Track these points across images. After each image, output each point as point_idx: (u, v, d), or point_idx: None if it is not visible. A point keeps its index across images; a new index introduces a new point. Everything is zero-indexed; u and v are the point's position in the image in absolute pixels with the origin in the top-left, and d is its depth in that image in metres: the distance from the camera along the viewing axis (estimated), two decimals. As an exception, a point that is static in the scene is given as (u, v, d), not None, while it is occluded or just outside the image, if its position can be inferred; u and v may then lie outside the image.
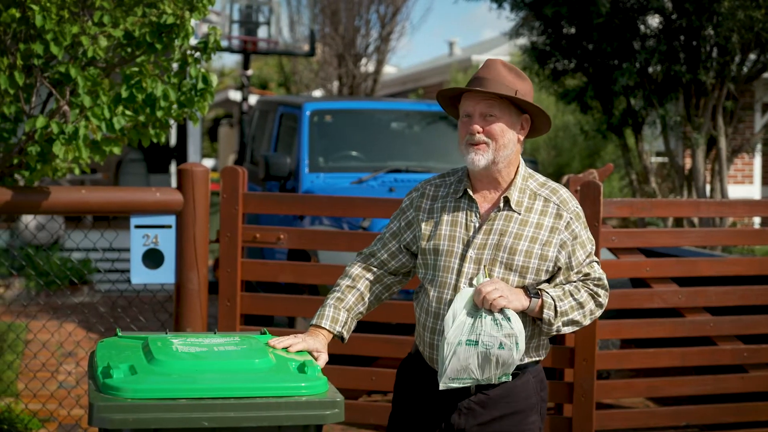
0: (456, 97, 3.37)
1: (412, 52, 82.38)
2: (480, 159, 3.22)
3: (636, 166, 12.68)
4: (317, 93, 21.53)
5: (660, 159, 15.91)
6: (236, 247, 5.41)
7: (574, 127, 16.72)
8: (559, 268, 3.25)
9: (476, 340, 3.08)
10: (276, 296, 5.85)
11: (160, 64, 4.89)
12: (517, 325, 3.11)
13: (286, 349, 3.16)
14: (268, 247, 5.89)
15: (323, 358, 3.20)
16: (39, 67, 4.68)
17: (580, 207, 3.36)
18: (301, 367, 2.96)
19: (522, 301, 3.16)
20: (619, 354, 5.88)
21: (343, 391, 3.14)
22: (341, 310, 3.34)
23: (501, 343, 3.09)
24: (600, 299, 3.30)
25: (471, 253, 3.22)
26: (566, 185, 5.84)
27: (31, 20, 4.47)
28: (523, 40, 11.97)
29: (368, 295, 3.41)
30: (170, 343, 3.09)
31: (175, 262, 5.17)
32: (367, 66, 19.50)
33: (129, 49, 4.77)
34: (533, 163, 9.15)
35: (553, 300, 3.19)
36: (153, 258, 5.14)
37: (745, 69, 10.72)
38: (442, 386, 3.14)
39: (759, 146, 12.33)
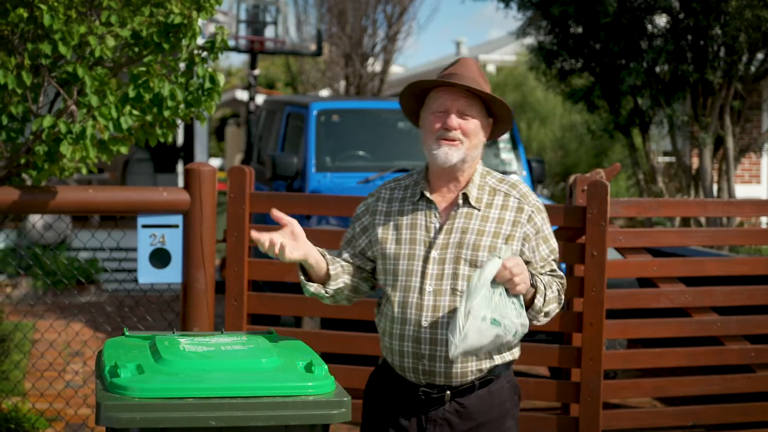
0: (422, 91, 3.27)
1: (419, 51, 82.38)
2: (454, 154, 3.16)
3: (643, 166, 12.67)
4: (324, 93, 21.54)
5: (667, 159, 15.89)
6: (243, 247, 5.41)
7: (581, 126, 16.68)
8: (525, 263, 3.17)
9: (500, 321, 2.98)
10: (283, 296, 5.85)
11: (168, 64, 4.89)
12: (527, 315, 3.08)
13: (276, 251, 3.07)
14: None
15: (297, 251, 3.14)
16: (46, 66, 4.69)
17: (540, 201, 3.30)
18: (309, 367, 2.96)
19: (528, 288, 3.09)
20: (625, 354, 5.87)
21: (350, 390, 3.14)
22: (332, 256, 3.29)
23: (516, 332, 3.03)
24: (562, 297, 3.26)
25: (434, 254, 3.17)
26: (573, 185, 5.83)
27: (39, 20, 4.48)
28: (530, 40, 11.97)
29: (348, 270, 3.31)
30: (177, 343, 3.09)
31: (182, 261, 5.17)
32: (374, 66, 19.51)
33: (136, 49, 4.78)
34: (540, 163, 9.15)
35: (544, 287, 3.15)
36: (160, 257, 5.15)
37: (752, 68, 10.71)
38: (453, 354, 2.98)
39: (766, 146, 12.31)
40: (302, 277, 3.25)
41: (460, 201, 3.21)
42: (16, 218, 12.04)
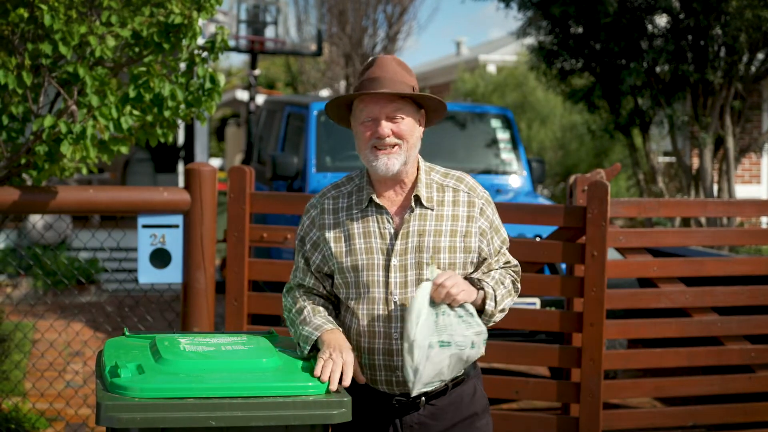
0: (346, 103, 3.19)
1: (419, 51, 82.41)
2: (394, 163, 3.07)
3: (643, 166, 12.67)
4: (324, 93, 21.54)
5: (667, 159, 15.89)
6: (243, 247, 5.41)
7: (581, 126, 16.70)
8: (484, 259, 3.15)
9: (449, 341, 2.93)
10: (283, 296, 5.84)
11: (168, 64, 4.90)
12: (480, 321, 3.02)
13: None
14: (275, 246, 5.89)
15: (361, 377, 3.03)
16: (47, 66, 4.70)
17: (487, 192, 3.23)
18: (308, 367, 2.96)
19: (472, 293, 3.04)
20: (626, 354, 5.87)
21: (350, 390, 3.13)
22: (321, 313, 3.17)
23: (473, 343, 2.98)
24: (518, 285, 3.24)
25: (394, 261, 3.06)
26: (573, 185, 5.83)
27: (39, 20, 4.48)
28: (530, 40, 11.98)
29: (331, 311, 3.21)
30: (177, 343, 3.09)
31: (182, 261, 5.17)
32: (374, 66, 19.47)
33: (137, 49, 4.78)
34: (540, 163, 9.15)
35: (493, 290, 3.09)
36: (160, 257, 5.15)
37: (753, 68, 10.71)
38: (415, 392, 2.97)
39: (766, 146, 12.31)
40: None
41: (413, 203, 3.12)
42: (16, 218, 12.04)
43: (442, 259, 3.08)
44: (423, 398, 3.12)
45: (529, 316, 5.54)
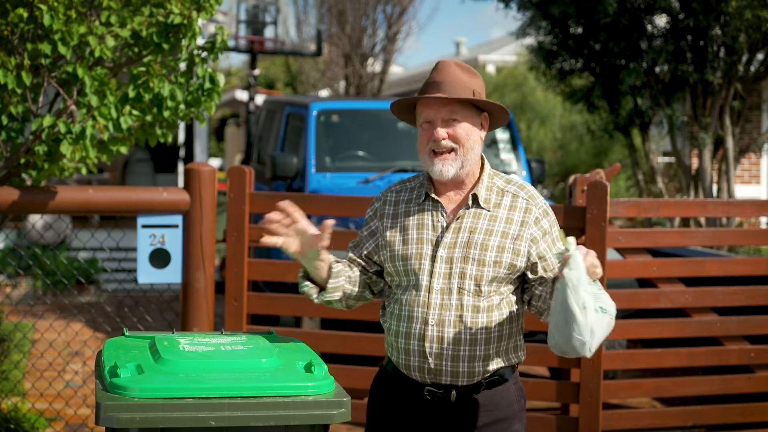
0: (411, 104, 3.29)
1: (419, 51, 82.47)
2: (449, 169, 3.16)
3: (643, 166, 12.68)
4: (324, 93, 21.55)
5: (667, 159, 15.90)
6: (243, 247, 5.41)
7: (581, 126, 16.71)
8: (534, 264, 3.18)
9: (606, 309, 2.95)
10: (282, 296, 5.85)
11: (167, 64, 4.90)
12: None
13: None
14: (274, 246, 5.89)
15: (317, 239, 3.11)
16: (46, 66, 4.70)
17: (547, 204, 3.28)
18: (308, 367, 2.96)
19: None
20: (625, 354, 5.87)
21: (350, 390, 3.14)
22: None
23: (612, 317, 2.98)
24: None
25: (441, 252, 3.15)
26: (573, 185, 5.84)
27: (39, 20, 4.48)
28: (530, 40, 11.98)
29: (353, 277, 3.31)
30: (177, 343, 3.09)
31: (181, 261, 5.17)
32: (374, 66, 19.51)
33: (136, 49, 4.78)
34: (540, 163, 9.15)
35: None
36: (160, 257, 5.15)
37: (752, 69, 10.72)
38: (590, 353, 2.94)
39: (766, 146, 12.32)
40: (301, 275, 3.26)
41: (470, 201, 3.21)
42: (15, 218, 12.05)
43: (489, 257, 3.13)
44: (454, 392, 3.16)
45: (528, 316, 5.54)
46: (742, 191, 15.82)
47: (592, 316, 2.92)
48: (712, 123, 10.74)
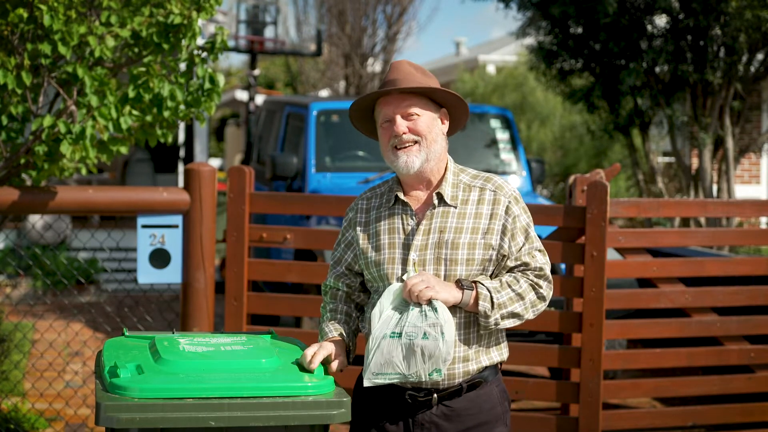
0: (369, 109, 3.26)
1: (419, 52, 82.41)
2: (414, 160, 3.13)
3: (643, 166, 12.67)
4: (324, 93, 21.55)
5: (667, 159, 15.90)
6: (243, 247, 5.41)
7: (580, 126, 16.70)
8: (504, 256, 3.14)
9: (400, 332, 2.99)
10: (282, 296, 5.85)
11: (167, 64, 4.90)
12: (444, 315, 3.00)
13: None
14: (274, 246, 5.90)
15: (341, 360, 3.10)
16: (46, 66, 4.70)
17: (517, 191, 3.24)
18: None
19: (453, 293, 3.05)
20: (625, 354, 5.87)
21: (350, 391, 3.14)
22: (339, 324, 3.25)
23: (425, 333, 2.99)
24: (542, 291, 3.17)
25: (413, 256, 3.12)
26: (573, 185, 5.83)
27: (39, 20, 4.48)
28: (530, 40, 11.98)
29: (353, 317, 3.31)
30: (177, 343, 3.09)
31: (181, 261, 5.17)
32: (374, 66, 19.51)
33: (136, 49, 4.78)
34: (540, 163, 9.15)
35: (489, 291, 3.07)
36: (160, 257, 5.15)
37: (752, 69, 10.71)
38: (366, 383, 3.03)
39: (766, 146, 12.32)
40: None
41: (435, 201, 3.17)
42: (15, 218, 12.05)
43: (461, 255, 3.11)
44: (435, 396, 3.13)
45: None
46: (742, 191, 15.82)
47: (370, 343, 3.02)
48: (712, 123, 10.73)
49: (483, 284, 3.09)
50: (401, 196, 3.21)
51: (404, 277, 3.08)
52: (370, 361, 3.02)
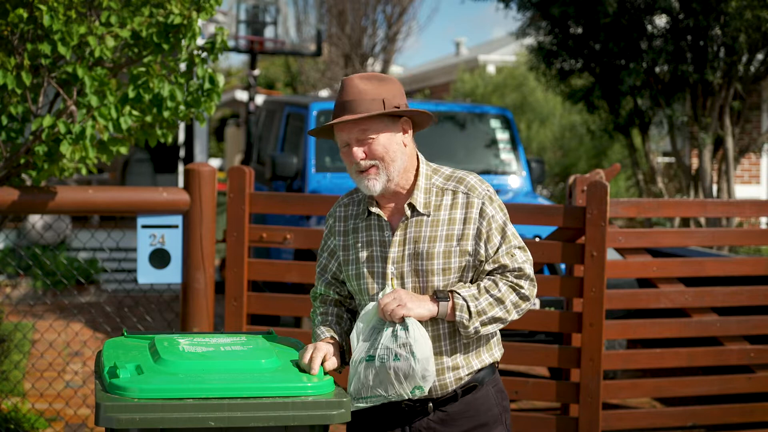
0: (329, 130, 3.18)
1: (419, 52, 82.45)
2: (375, 184, 3.08)
3: (643, 166, 12.68)
4: (324, 93, 21.55)
5: (667, 159, 15.90)
6: (243, 247, 5.41)
7: (580, 126, 16.70)
8: (481, 262, 3.10)
9: (373, 355, 2.99)
10: (282, 296, 5.85)
11: (167, 65, 4.90)
12: (415, 334, 2.97)
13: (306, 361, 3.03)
14: (274, 246, 5.90)
15: (333, 362, 3.07)
16: (46, 67, 4.70)
17: (492, 190, 3.17)
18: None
19: (428, 306, 3.02)
20: (625, 354, 5.87)
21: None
22: (331, 326, 3.23)
23: (396, 354, 2.97)
24: (523, 291, 3.11)
25: (391, 269, 3.09)
26: (573, 185, 5.83)
27: (38, 20, 4.48)
28: (529, 40, 11.98)
29: (344, 318, 3.29)
30: (177, 343, 3.09)
31: (181, 261, 5.17)
32: (374, 66, 19.52)
33: (136, 50, 4.78)
34: (540, 163, 9.15)
35: (465, 300, 3.03)
36: (160, 258, 5.15)
37: (752, 69, 10.71)
38: (352, 408, 3.00)
39: (766, 146, 12.32)
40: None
41: (408, 212, 3.12)
42: (15, 218, 12.05)
43: (437, 265, 3.07)
44: (431, 403, 3.12)
45: (528, 316, 5.54)
46: (742, 191, 15.82)
47: (351, 370, 3.03)
48: (712, 123, 10.73)
49: (459, 293, 3.05)
50: (373, 209, 3.16)
51: (379, 296, 3.05)
52: (350, 387, 3.03)
